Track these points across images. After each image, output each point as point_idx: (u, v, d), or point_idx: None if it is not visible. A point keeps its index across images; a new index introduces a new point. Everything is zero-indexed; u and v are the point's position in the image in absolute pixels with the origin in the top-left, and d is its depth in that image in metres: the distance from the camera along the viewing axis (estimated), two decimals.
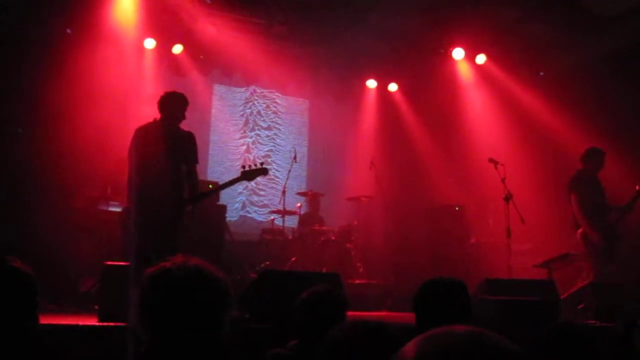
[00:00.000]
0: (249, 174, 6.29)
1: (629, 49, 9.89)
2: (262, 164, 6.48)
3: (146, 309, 1.90)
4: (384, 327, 1.78)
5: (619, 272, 7.47)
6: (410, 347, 1.14)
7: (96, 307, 5.14)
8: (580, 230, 7.59)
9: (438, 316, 2.92)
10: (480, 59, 11.16)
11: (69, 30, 9.43)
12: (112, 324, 4.41)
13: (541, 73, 11.43)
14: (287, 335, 3.30)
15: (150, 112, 6.53)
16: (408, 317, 3.19)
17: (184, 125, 6.45)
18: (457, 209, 10.27)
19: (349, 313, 3.34)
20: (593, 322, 6.15)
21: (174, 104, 6.12)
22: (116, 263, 5.11)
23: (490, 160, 8.12)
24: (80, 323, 4.55)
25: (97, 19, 9.38)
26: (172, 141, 6.02)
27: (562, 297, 6.53)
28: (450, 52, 11.17)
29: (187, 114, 6.41)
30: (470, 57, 11.25)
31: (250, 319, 5.04)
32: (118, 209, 7.90)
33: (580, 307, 6.55)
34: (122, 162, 8.22)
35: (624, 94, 9.51)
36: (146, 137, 5.97)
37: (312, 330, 2.96)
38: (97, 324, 4.61)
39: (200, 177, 6.65)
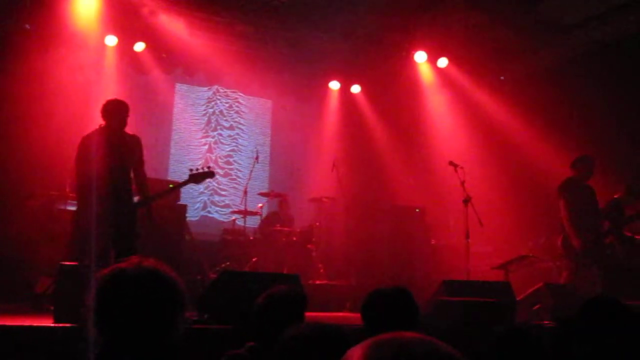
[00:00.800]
0: (197, 177, 6.45)
1: (586, 55, 10.12)
2: (209, 167, 6.60)
3: (100, 309, 1.89)
4: (339, 329, 1.78)
5: (600, 277, 7.64)
6: (357, 351, 1.14)
7: (52, 307, 5.05)
8: (562, 236, 7.73)
9: (385, 324, 2.95)
10: (442, 62, 11.28)
11: (27, 26, 9.25)
12: (67, 324, 4.35)
13: (502, 77, 11.60)
14: (247, 337, 3.29)
15: None
16: None
17: (146, 123, 6.47)
18: (417, 210, 10.33)
19: (309, 314, 3.35)
20: (548, 322, 6.26)
21: (116, 111, 6.22)
22: (72, 263, 5.05)
23: (450, 163, 8.21)
24: (35, 324, 4.47)
25: (57, 14, 9.23)
26: (117, 147, 6.13)
27: (518, 299, 6.63)
28: (413, 55, 11.26)
29: (148, 112, 6.48)
30: (432, 60, 11.36)
31: (209, 320, 5.01)
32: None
33: (536, 308, 6.66)
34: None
35: (581, 98, 9.72)
36: (91, 145, 6.06)
37: (269, 331, 2.96)
38: (53, 324, 4.54)
39: (161, 176, 6.65)
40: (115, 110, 6.21)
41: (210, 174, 6.53)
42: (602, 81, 9.52)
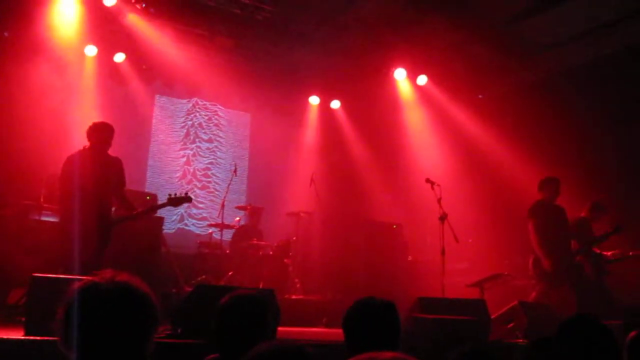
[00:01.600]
0: (175, 201, 6.71)
1: (563, 75, 10.26)
2: (186, 193, 6.88)
3: (70, 323, 1.87)
4: (302, 349, 1.77)
5: (570, 297, 7.72)
6: None
7: (23, 319, 4.98)
8: (533, 257, 7.82)
9: (368, 337, 2.95)
10: (422, 80, 11.37)
11: (5, 34, 9.18)
12: (38, 337, 4.29)
13: (480, 95, 11.71)
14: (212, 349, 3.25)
15: (87, 120, 6.68)
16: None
17: (125, 134, 6.57)
18: (394, 227, 10.38)
19: (285, 329, 3.33)
20: (522, 340, 6.30)
21: (101, 133, 6.47)
22: (45, 275, 4.98)
23: (427, 180, 8.26)
24: (6, 336, 4.40)
25: (37, 22, 9.15)
26: (100, 168, 6.36)
27: (493, 316, 6.67)
28: (393, 72, 11.35)
29: (127, 123, 6.65)
30: (411, 77, 11.46)
31: (183, 334, 4.97)
32: (51, 219, 7.71)
33: (510, 326, 6.70)
34: (55, 175, 8.10)
35: (558, 117, 9.85)
36: (75, 165, 6.26)
37: (232, 341, 2.93)
38: (24, 337, 4.47)
39: (139, 187, 6.75)
40: (101, 133, 6.44)
41: (187, 199, 6.80)
42: (579, 100, 9.66)
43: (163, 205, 6.75)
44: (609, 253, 8.38)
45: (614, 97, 9.37)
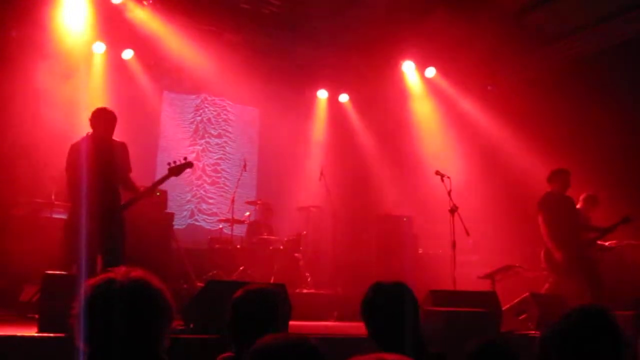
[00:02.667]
0: (175, 170, 6.38)
1: (571, 65, 10.20)
2: (185, 158, 6.52)
3: (87, 319, 1.88)
4: (308, 343, 1.78)
5: (582, 289, 7.70)
6: None
7: (36, 316, 5.01)
8: (544, 249, 7.80)
9: (387, 318, 2.94)
10: (430, 72, 11.34)
11: (13, 33, 9.21)
12: (52, 334, 4.32)
13: (489, 87, 11.66)
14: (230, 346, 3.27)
15: None
16: (355, 327, 3.19)
17: (133, 130, 6.51)
18: (405, 219, 10.37)
19: (296, 323, 3.34)
20: (534, 332, 6.29)
21: (103, 119, 6.32)
22: (57, 272, 5.02)
23: (437, 173, 8.24)
24: (19, 333, 4.44)
25: (45, 20, 9.19)
26: (104, 153, 6.19)
27: (504, 308, 6.65)
28: (401, 64, 11.32)
29: (135, 119, 6.54)
30: (420, 69, 11.43)
31: (195, 329, 5.00)
32: (62, 216, 7.74)
33: (521, 317, 6.69)
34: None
35: (567, 107, 9.80)
36: (80, 152, 6.13)
37: (246, 335, 2.93)
38: (37, 334, 4.51)
39: (148, 184, 6.62)
40: (103, 119, 6.28)
41: (188, 164, 6.49)
42: (589, 91, 9.60)
43: (165, 178, 6.39)
44: (606, 243, 8.38)
45: (626, 87, 9.29)
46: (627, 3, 9.11)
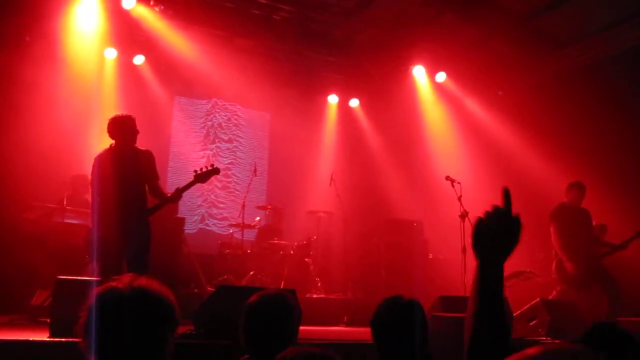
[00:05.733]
0: (202, 176, 6.34)
1: (583, 69, 10.15)
2: (212, 165, 6.50)
3: (91, 326, 1.90)
4: (332, 357, 1.78)
5: (594, 300, 7.67)
6: None
7: (48, 320, 5.05)
8: (556, 260, 7.77)
9: (398, 338, 2.93)
10: (440, 76, 11.33)
11: (27, 38, 9.30)
12: (64, 339, 4.35)
13: (500, 92, 11.63)
14: (242, 352, 3.28)
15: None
16: (365, 332, 3.19)
17: (144, 137, 6.42)
18: (415, 224, 10.37)
19: (306, 328, 3.34)
20: (544, 338, 6.26)
21: (123, 127, 6.13)
22: (69, 277, 5.05)
23: (447, 178, 8.23)
24: (32, 338, 4.47)
25: (58, 26, 9.27)
26: (129, 164, 6.08)
27: (515, 314, 6.63)
28: (411, 69, 11.32)
29: (147, 125, 6.45)
30: (430, 74, 11.41)
31: (205, 334, 5.01)
32: (74, 221, 7.80)
33: (532, 324, 6.67)
34: (79, 175, 8.17)
35: (579, 112, 9.76)
36: (103, 166, 6.03)
37: (260, 340, 2.94)
38: (49, 339, 4.54)
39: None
40: (122, 127, 6.12)
41: (215, 171, 6.44)
42: (600, 96, 9.55)
43: (191, 184, 6.28)
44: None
45: (634, 92, 9.25)
46: (636, 10, 9.08)
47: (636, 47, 9.37)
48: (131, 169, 6.07)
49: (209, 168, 6.41)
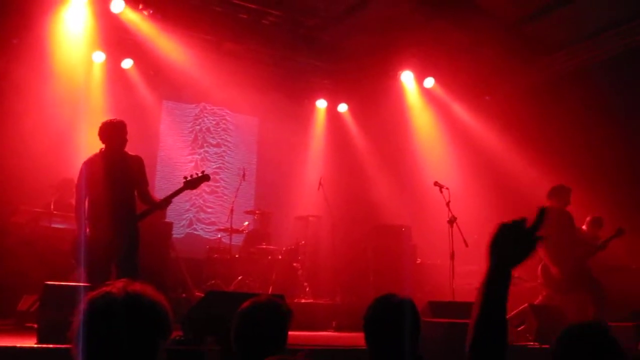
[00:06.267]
0: (192, 183, 6.32)
1: (571, 76, 10.23)
2: (202, 172, 6.48)
3: (83, 333, 1.88)
4: None
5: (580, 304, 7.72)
6: None
7: (35, 326, 5.01)
8: (542, 264, 7.80)
9: (390, 337, 2.91)
10: (429, 82, 11.36)
11: (14, 41, 9.24)
12: (51, 345, 4.32)
13: (487, 97, 11.69)
14: (232, 357, 3.27)
15: (96, 126, 6.44)
16: (353, 337, 3.17)
17: (132, 140, 6.39)
18: (403, 229, 10.37)
19: (295, 333, 3.33)
20: (532, 343, 6.29)
21: (113, 132, 6.12)
22: (57, 283, 5.02)
23: (436, 184, 8.26)
24: (19, 344, 4.43)
25: (45, 29, 9.21)
26: (119, 168, 6.07)
27: None
28: (399, 74, 11.35)
29: (135, 128, 6.42)
30: (419, 79, 11.45)
31: (194, 340, 4.99)
32: (61, 226, 7.74)
33: (520, 329, 6.69)
34: (67, 179, 8.11)
35: (565, 118, 9.84)
36: (93, 171, 6.01)
37: (251, 348, 2.93)
38: (36, 345, 4.50)
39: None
40: (112, 132, 6.11)
41: (205, 178, 6.42)
42: (586, 102, 9.64)
43: (180, 191, 6.28)
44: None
45: (623, 98, 9.33)
46: (624, 16, 9.17)
47: (623, 53, 9.46)
48: (121, 174, 6.07)
49: (199, 175, 6.39)
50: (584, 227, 8.35)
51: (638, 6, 8.93)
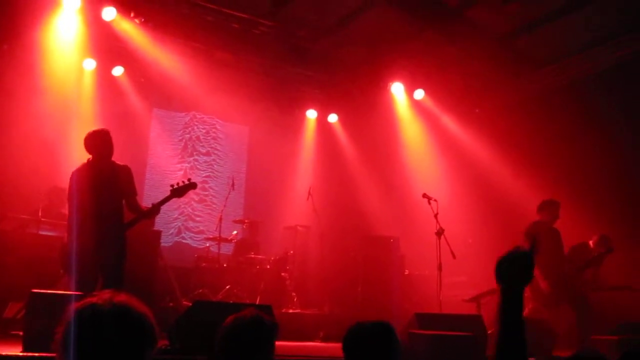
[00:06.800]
0: (179, 191, 6.31)
1: (560, 89, 10.31)
2: (189, 179, 6.47)
3: (68, 343, 1.88)
4: None
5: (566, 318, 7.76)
6: None
7: (20, 333, 4.98)
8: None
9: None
10: (419, 94, 11.41)
11: (4, 46, 9.21)
12: (37, 354, 4.30)
13: (477, 110, 11.76)
14: None
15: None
16: (340, 348, 3.16)
17: (122, 148, 6.40)
18: (392, 240, 10.39)
19: (282, 343, 3.32)
20: None
21: (99, 142, 6.11)
22: (43, 291, 4.99)
23: (424, 196, 8.28)
24: (4, 352, 4.40)
25: (36, 36, 9.19)
26: (106, 178, 6.07)
27: (490, 332, 6.67)
28: (390, 86, 11.39)
29: (124, 136, 6.43)
30: (409, 91, 11.49)
31: (181, 349, 4.98)
32: (49, 233, 7.71)
33: None
34: (56, 187, 8.08)
35: (554, 131, 9.91)
36: (81, 181, 5.99)
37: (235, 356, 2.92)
38: (22, 353, 4.47)
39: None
40: (98, 142, 6.09)
41: (192, 185, 6.40)
42: (574, 115, 9.71)
43: (167, 199, 6.26)
44: None
45: (612, 112, 9.41)
46: (614, 30, 9.26)
47: (613, 68, 9.54)
48: (108, 184, 6.06)
49: (186, 182, 6.38)
50: (590, 242, 8.36)
51: (627, 21, 9.02)
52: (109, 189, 6.05)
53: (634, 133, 9.27)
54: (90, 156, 6.14)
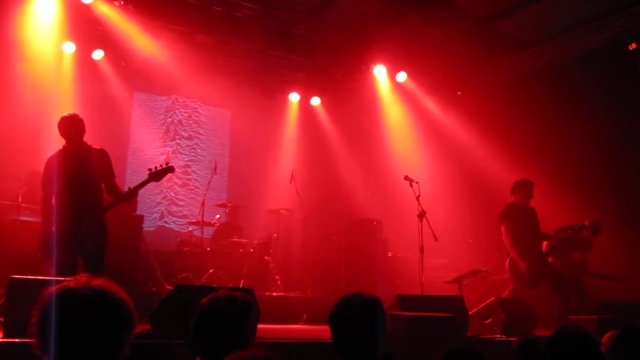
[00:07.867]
0: (156, 175, 6.25)
1: (542, 71, 10.34)
2: (167, 163, 6.43)
3: (45, 327, 1.87)
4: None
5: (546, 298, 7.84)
6: None
7: (1, 320, 4.95)
8: (509, 258, 7.88)
9: (354, 333, 2.90)
10: (401, 76, 11.41)
11: None
12: (17, 339, 4.28)
13: (459, 92, 11.78)
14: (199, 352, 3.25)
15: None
16: (324, 330, 3.16)
17: (103, 131, 6.37)
18: (375, 223, 10.43)
19: (265, 326, 3.31)
20: (500, 336, 6.38)
21: (69, 127, 6.05)
22: (24, 277, 4.96)
23: (406, 178, 8.30)
24: None
25: (14, 20, 9.07)
26: (82, 163, 6.02)
27: (471, 312, 6.74)
28: (372, 68, 11.38)
29: (105, 120, 6.38)
30: (391, 74, 11.49)
31: (163, 334, 4.97)
32: (29, 219, 7.66)
33: (488, 322, 6.78)
34: (36, 173, 8.01)
35: (536, 114, 9.96)
36: (56, 166, 5.95)
37: (210, 343, 2.91)
38: (2, 339, 4.45)
39: (119, 184, 6.52)
40: (69, 126, 6.04)
41: (170, 169, 6.36)
42: (557, 98, 9.76)
43: (145, 183, 6.18)
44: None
45: (594, 95, 9.46)
46: (595, 12, 9.29)
47: (595, 50, 9.58)
48: (84, 168, 6.01)
49: (164, 166, 6.34)
50: (586, 222, 8.39)
51: (608, 3, 9.06)
52: (84, 173, 6.00)
53: (616, 115, 9.32)
54: (64, 142, 6.09)
